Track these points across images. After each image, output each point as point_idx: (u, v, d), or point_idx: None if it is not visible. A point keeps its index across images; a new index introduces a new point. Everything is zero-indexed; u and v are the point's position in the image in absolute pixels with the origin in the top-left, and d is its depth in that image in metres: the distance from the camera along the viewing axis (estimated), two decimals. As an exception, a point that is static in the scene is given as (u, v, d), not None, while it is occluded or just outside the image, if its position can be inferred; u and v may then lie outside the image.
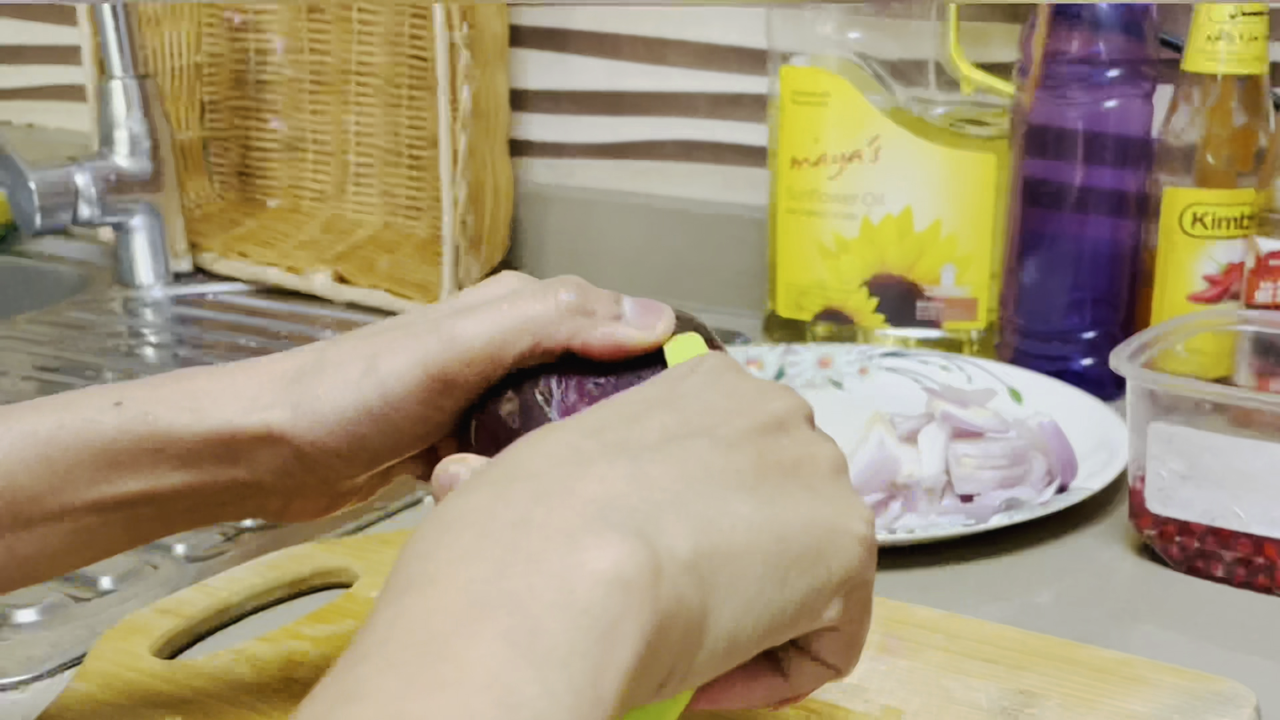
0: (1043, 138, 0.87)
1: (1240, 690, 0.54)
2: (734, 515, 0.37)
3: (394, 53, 1.16)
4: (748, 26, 1.06)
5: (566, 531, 0.34)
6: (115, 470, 0.47)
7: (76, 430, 0.47)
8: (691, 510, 0.36)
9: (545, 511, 0.34)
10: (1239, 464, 0.65)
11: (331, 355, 0.48)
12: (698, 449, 0.38)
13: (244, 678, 0.56)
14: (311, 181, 1.23)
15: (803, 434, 0.41)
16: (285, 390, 0.47)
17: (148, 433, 0.47)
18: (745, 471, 0.38)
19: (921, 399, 0.79)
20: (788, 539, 0.37)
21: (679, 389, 0.41)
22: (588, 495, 0.35)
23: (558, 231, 1.15)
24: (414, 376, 0.46)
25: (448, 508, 0.35)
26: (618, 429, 0.38)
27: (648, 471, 0.36)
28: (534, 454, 0.37)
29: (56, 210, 1.10)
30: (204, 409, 0.47)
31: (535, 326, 0.46)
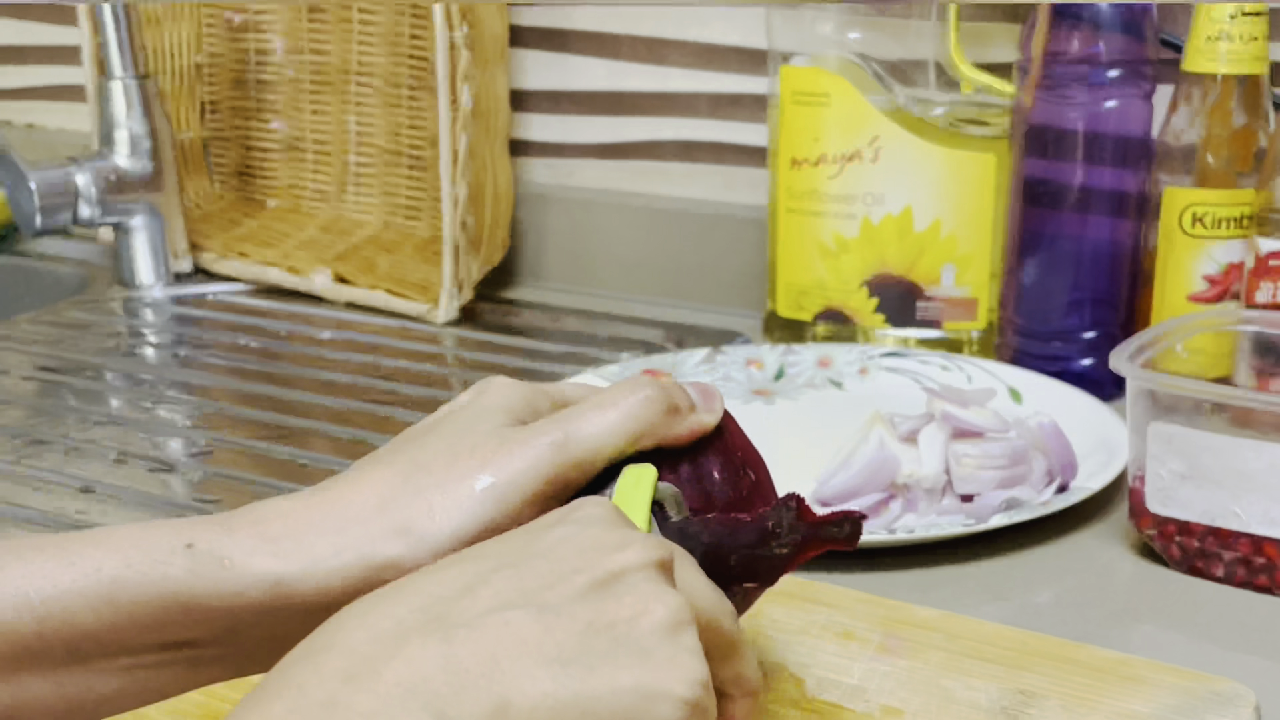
0: (1043, 138, 0.87)
1: (1240, 690, 0.54)
2: (539, 692, 0.37)
3: (394, 53, 1.16)
4: (748, 26, 1.06)
5: (367, 716, 0.35)
6: (185, 614, 0.44)
7: (144, 572, 0.44)
8: (494, 692, 0.36)
9: (351, 692, 0.36)
10: (1239, 464, 0.65)
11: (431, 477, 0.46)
12: (519, 623, 0.38)
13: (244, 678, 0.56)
14: (311, 181, 1.23)
15: (646, 589, 0.40)
16: (382, 516, 0.46)
17: (223, 577, 0.44)
18: (565, 642, 0.38)
19: (921, 399, 0.79)
20: (596, 709, 0.38)
21: (539, 542, 0.41)
22: (394, 679, 0.36)
23: (558, 231, 1.15)
24: (531, 486, 0.46)
25: (272, 673, 0.37)
26: (449, 600, 0.38)
27: (459, 653, 0.37)
28: (358, 625, 0.38)
29: (56, 210, 1.10)
30: (287, 553, 0.45)
31: (641, 426, 0.47)
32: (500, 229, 1.12)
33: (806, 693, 0.55)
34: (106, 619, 0.43)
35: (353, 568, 0.45)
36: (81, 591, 0.43)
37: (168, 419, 0.91)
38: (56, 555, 0.44)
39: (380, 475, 0.46)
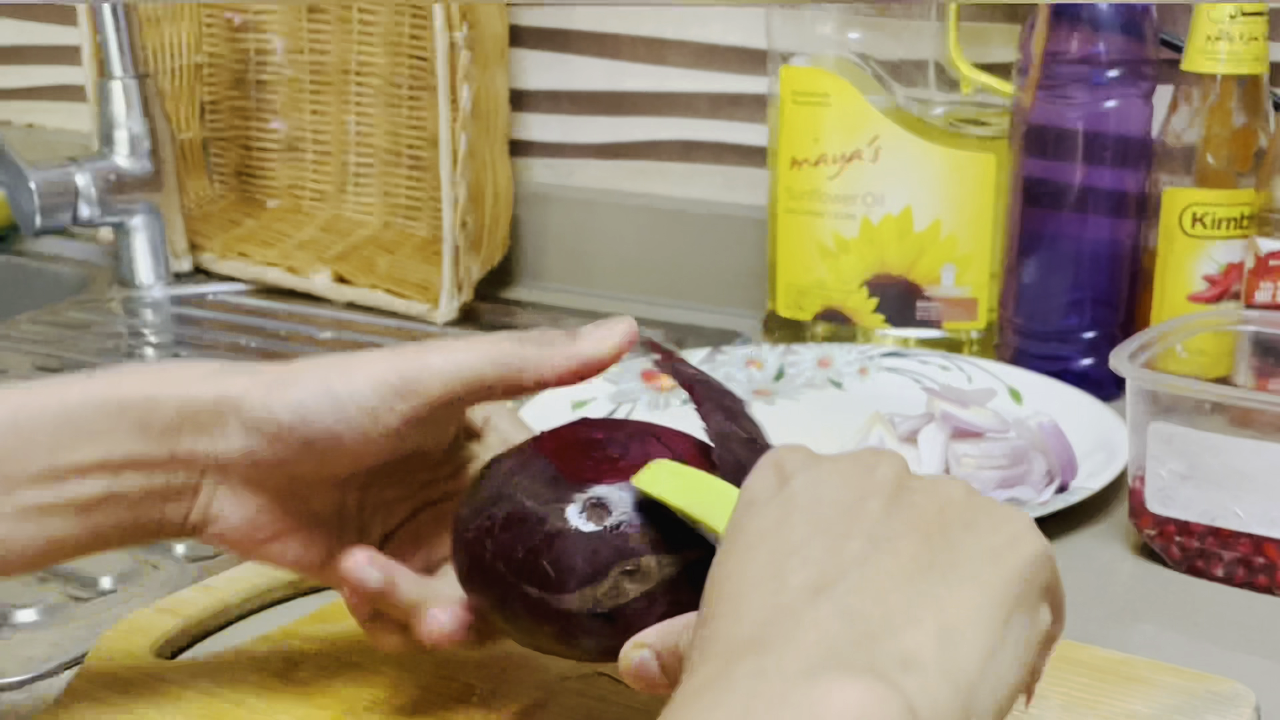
0: (1043, 138, 0.87)
1: (1240, 690, 0.54)
2: (939, 601, 0.37)
3: (394, 53, 1.16)
4: (748, 26, 1.06)
5: (804, 672, 0.34)
6: (74, 436, 0.48)
7: (43, 399, 0.48)
8: (903, 623, 0.36)
9: (776, 660, 0.35)
10: (1239, 464, 0.65)
11: (312, 358, 0.50)
12: (872, 560, 0.38)
13: (245, 677, 0.56)
14: (311, 181, 1.23)
15: (921, 485, 0.41)
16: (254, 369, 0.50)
17: (110, 395, 0.48)
18: (918, 555, 0.38)
19: (921, 399, 0.79)
20: (993, 588, 0.38)
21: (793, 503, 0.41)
22: (810, 642, 0.35)
23: (558, 231, 1.15)
24: (380, 374, 0.49)
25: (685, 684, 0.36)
26: (795, 574, 0.38)
27: (849, 606, 0.36)
28: (735, 613, 0.38)
29: (56, 210, 1.10)
30: (167, 376, 0.50)
31: (498, 355, 0.50)
32: (500, 229, 1.12)
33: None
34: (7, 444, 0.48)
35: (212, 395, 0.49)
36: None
37: (168, 419, 0.91)
38: None
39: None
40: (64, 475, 0.48)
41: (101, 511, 0.49)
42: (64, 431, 0.48)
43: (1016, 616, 0.38)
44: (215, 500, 0.51)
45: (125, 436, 0.49)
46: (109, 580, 0.67)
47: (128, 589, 0.66)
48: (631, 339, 0.51)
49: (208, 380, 0.49)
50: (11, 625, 0.63)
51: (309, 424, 0.49)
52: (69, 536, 0.49)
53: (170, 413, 0.49)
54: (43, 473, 0.48)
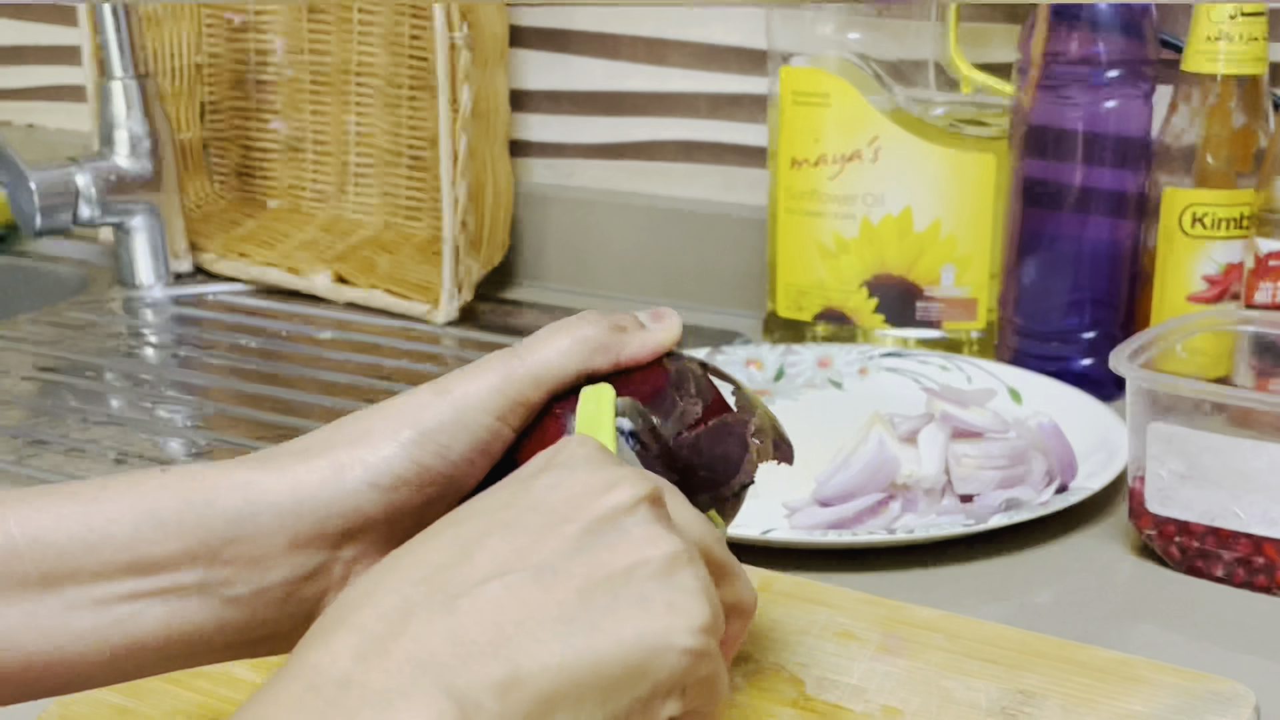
0: (1042, 138, 0.87)
1: (1240, 690, 0.54)
2: (547, 655, 0.38)
3: (394, 53, 1.16)
4: (748, 27, 1.06)
5: (382, 693, 0.36)
6: (157, 528, 0.45)
7: (119, 492, 0.45)
8: (503, 660, 0.37)
9: (364, 670, 0.36)
10: (1238, 464, 0.65)
11: (389, 401, 0.49)
12: (519, 586, 0.39)
13: (244, 678, 0.56)
14: (311, 182, 1.23)
15: (636, 533, 0.41)
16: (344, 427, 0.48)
17: (194, 486, 0.46)
18: (566, 602, 0.39)
19: (921, 399, 0.79)
20: (603, 666, 0.38)
21: (527, 493, 0.42)
22: (404, 655, 0.37)
23: (558, 231, 1.15)
24: (487, 398, 0.49)
25: (289, 656, 0.38)
26: (449, 569, 0.39)
27: (464, 625, 0.37)
28: (366, 604, 0.38)
29: (57, 210, 1.10)
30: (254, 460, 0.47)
31: (590, 344, 0.50)
32: (500, 229, 1.12)
33: (806, 693, 0.55)
34: (80, 538, 0.44)
35: (320, 468, 0.46)
36: (56, 514, 0.45)
37: (168, 419, 0.91)
38: (39, 490, 0.46)
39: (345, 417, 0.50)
40: (148, 568, 0.45)
41: (198, 602, 0.46)
42: (144, 520, 0.45)
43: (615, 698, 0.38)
44: (354, 569, 0.48)
45: (220, 528, 0.46)
46: (109, 580, 0.67)
47: (128, 589, 0.66)
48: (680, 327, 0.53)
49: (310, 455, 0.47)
50: (12, 625, 0.63)
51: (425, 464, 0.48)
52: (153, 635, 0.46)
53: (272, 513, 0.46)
54: (121, 566, 0.45)
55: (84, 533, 0.45)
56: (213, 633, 0.46)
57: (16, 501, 0.45)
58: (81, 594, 0.45)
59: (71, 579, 0.44)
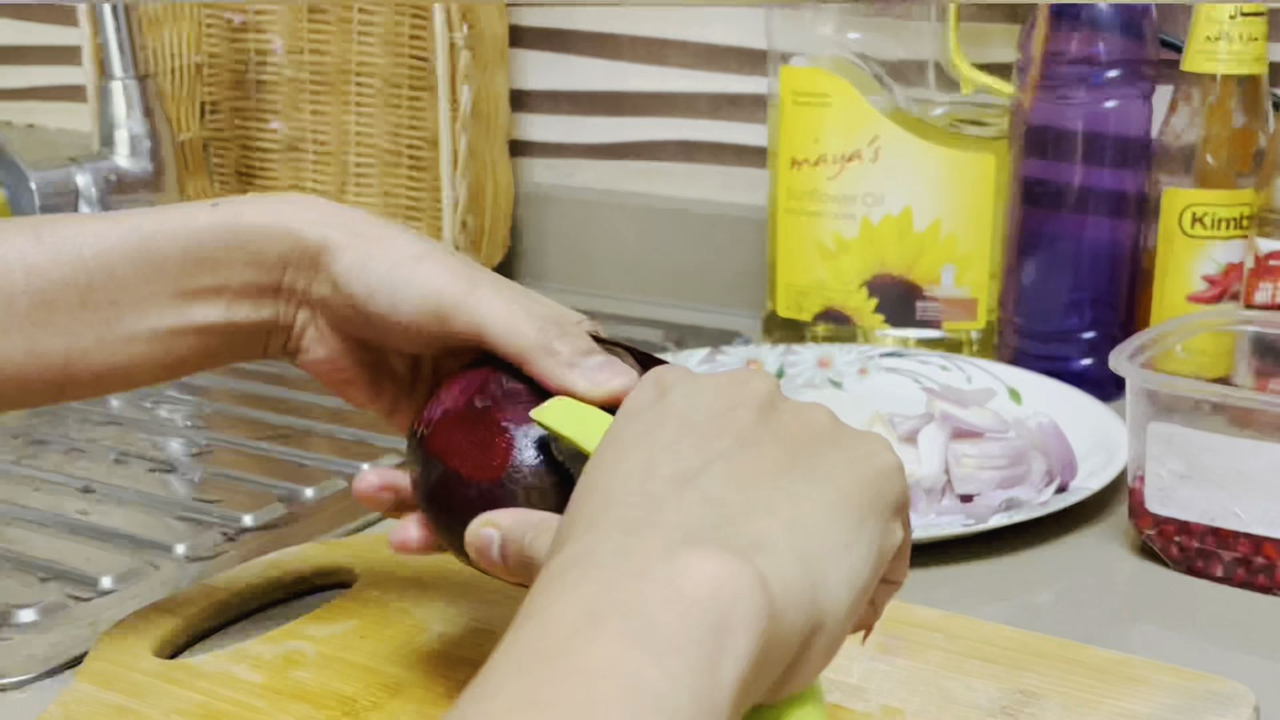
0: (1042, 138, 0.87)
1: (1240, 690, 0.54)
2: (795, 497, 0.39)
3: (394, 53, 1.16)
4: (748, 27, 1.06)
5: (665, 549, 0.36)
6: (199, 263, 0.53)
7: (175, 225, 0.53)
8: (765, 512, 0.38)
9: (640, 540, 0.37)
10: (1238, 464, 0.65)
11: (404, 232, 0.54)
12: (736, 457, 0.41)
13: (244, 677, 0.56)
14: (311, 182, 1.23)
15: (790, 405, 0.44)
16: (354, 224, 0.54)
17: (234, 226, 0.53)
18: (780, 458, 0.41)
19: (921, 399, 0.79)
20: (847, 491, 0.41)
21: (669, 411, 0.43)
22: (672, 524, 0.37)
23: (558, 231, 1.15)
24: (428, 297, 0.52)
25: (549, 565, 0.38)
26: (663, 463, 0.40)
27: (712, 495, 0.39)
28: (605, 500, 0.40)
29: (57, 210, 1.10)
30: (284, 214, 0.54)
31: (521, 343, 0.50)
32: (500, 229, 1.12)
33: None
34: (140, 269, 0.53)
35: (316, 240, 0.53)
36: (123, 247, 0.53)
37: (168, 419, 0.91)
38: (105, 219, 0.54)
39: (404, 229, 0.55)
40: (191, 300, 0.54)
41: (216, 334, 0.55)
42: (190, 259, 0.53)
43: (869, 522, 0.41)
44: (307, 333, 0.56)
45: (243, 267, 0.54)
46: (109, 580, 0.67)
47: (128, 589, 0.67)
48: (625, 393, 0.49)
49: (315, 227, 0.53)
50: (11, 625, 0.63)
51: (369, 308, 0.53)
52: (190, 355, 0.55)
53: (281, 248, 0.53)
54: (173, 297, 0.54)
55: (145, 266, 0.53)
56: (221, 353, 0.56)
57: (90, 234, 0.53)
58: (141, 322, 0.54)
59: (133, 308, 0.54)
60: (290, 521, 0.74)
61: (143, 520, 0.74)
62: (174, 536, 0.72)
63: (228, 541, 0.72)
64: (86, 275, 0.53)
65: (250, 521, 0.74)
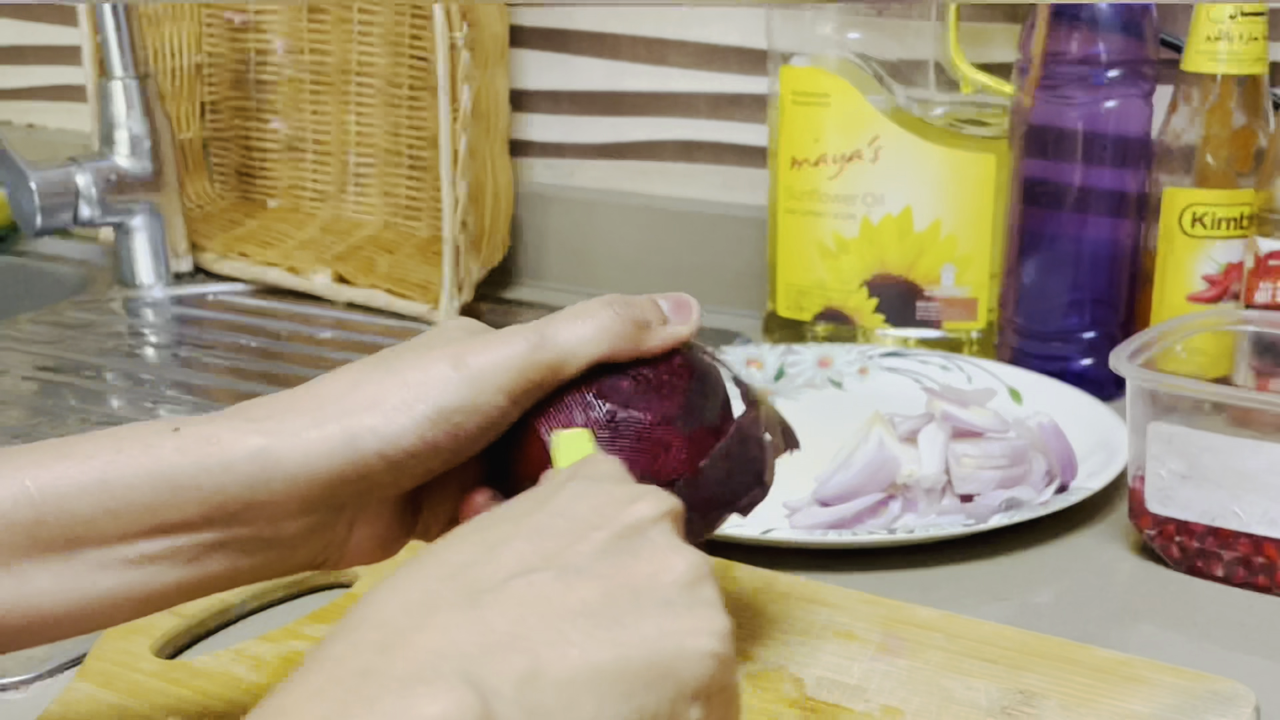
0: (1042, 138, 0.87)
1: (1240, 690, 0.54)
2: (570, 649, 0.37)
3: (394, 53, 1.16)
4: (748, 26, 1.06)
5: (402, 680, 0.36)
6: (175, 494, 0.46)
7: (134, 455, 0.46)
8: (525, 652, 0.37)
9: (387, 661, 0.36)
10: (1238, 464, 0.65)
11: (403, 361, 0.49)
12: (543, 584, 0.39)
13: (244, 678, 0.56)
14: (312, 182, 1.23)
15: (661, 542, 0.41)
16: (357, 391, 0.48)
17: (210, 452, 0.47)
18: (590, 599, 0.39)
19: (921, 399, 0.79)
20: (628, 663, 0.38)
21: (553, 501, 0.42)
22: (427, 646, 0.37)
23: (558, 231, 1.15)
24: (505, 377, 0.49)
25: (310, 653, 0.38)
26: (474, 567, 0.39)
27: (487, 617, 0.38)
28: (391, 599, 0.39)
29: (57, 210, 1.10)
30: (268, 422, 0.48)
31: (613, 338, 0.51)
32: (500, 229, 1.12)
33: (806, 693, 0.55)
34: (101, 504, 0.46)
35: (332, 436, 0.47)
36: (76, 479, 0.46)
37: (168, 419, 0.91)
38: (52, 449, 0.46)
39: (356, 366, 0.50)
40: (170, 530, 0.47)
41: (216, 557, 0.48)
42: (163, 491, 0.46)
43: (638, 697, 0.38)
44: (356, 526, 0.51)
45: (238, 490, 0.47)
46: (109, 580, 0.67)
47: (128, 589, 0.66)
48: (698, 321, 0.54)
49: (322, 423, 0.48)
50: (12, 625, 0.63)
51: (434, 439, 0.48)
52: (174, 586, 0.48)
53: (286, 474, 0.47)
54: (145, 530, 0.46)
55: (105, 498, 0.46)
56: (226, 580, 0.49)
57: (32, 465, 0.46)
58: (105, 555, 0.46)
59: (96, 542, 0.46)
60: (290, 521, 0.74)
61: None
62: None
63: (228, 541, 0.72)
64: (34, 511, 0.45)
65: (250, 521, 0.74)
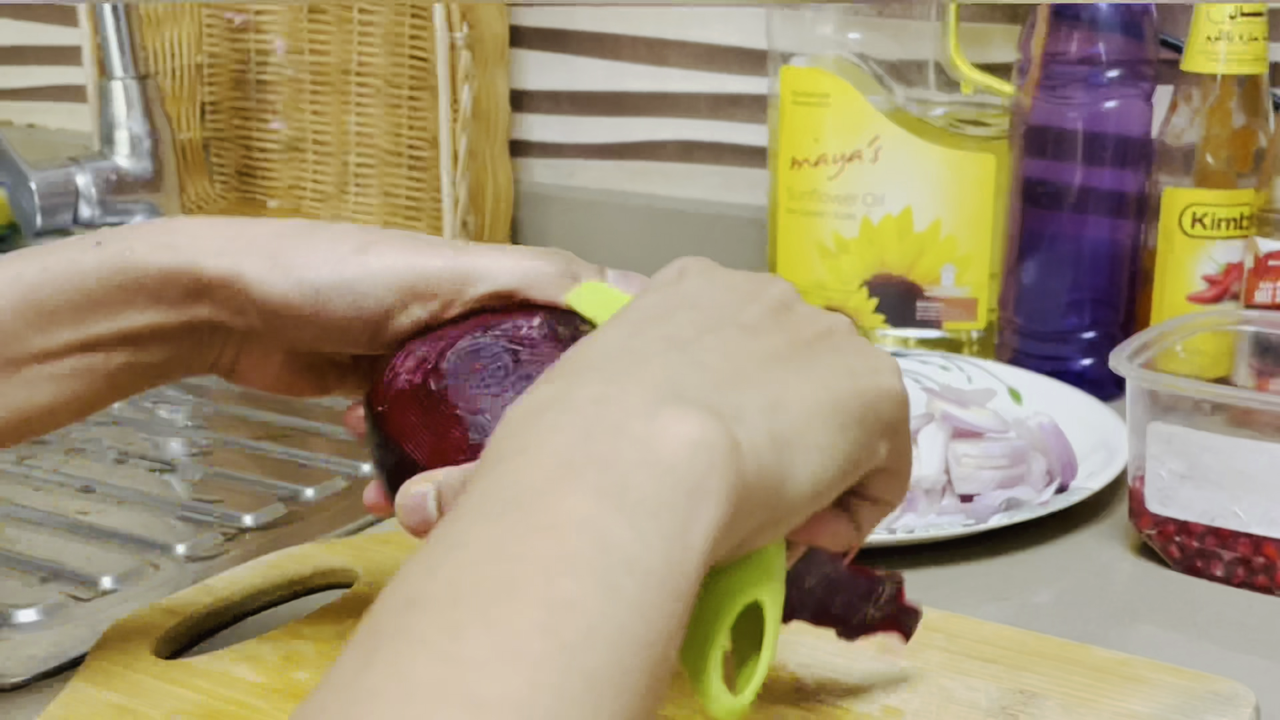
0: (1042, 138, 0.87)
1: (1240, 690, 0.54)
2: (787, 384, 0.39)
3: (394, 53, 1.16)
4: (748, 27, 1.06)
5: (645, 404, 0.35)
6: (94, 309, 0.50)
7: (60, 271, 0.50)
8: (750, 387, 0.38)
9: (620, 390, 0.36)
10: (1238, 464, 0.65)
11: (326, 228, 0.51)
12: (733, 336, 0.40)
13: (244, 677, 0.56)
14: (312, 182, 1.23)
15: (807, 309, 0.43)
16: (266, 242, 0.50)
17: (125, 267, 0.50)
18: (779, 348, 0.40)
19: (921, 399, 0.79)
20: (838, 394, 0.40)
21: (680, 292, 0.42)
22: (656, 379, 0.36)
23: (558, 231, 1.15)
24: (401, 274, 0.50)
25: (523, 402, 0.37)
26: (656, 327, 0.40)
27: (701, 359, 0.38)
28: (590, 353, 0.39)
29: (57, 210, 1.10)
30: (180, 247, 0.50)
31: (536, 279, 0.50)
32: (500, 229, 1.12)
33: (806, 693, 0.55)
34: (29, 319, 0.50)
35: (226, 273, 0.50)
36: (6, 297, 0.49)
37: (168, 419, 0.91)
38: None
39: (301, 220, 0.52)
40: (92, 345, 0.51)
41: (126, 372, 0.52)
42: (82, 306, 0.50)
43: (851, 431, 0.40)
44: (241, 359, 0.53)
45: (144, 308, 0.50)
46: (109, 580, 0.67)
47: (128, 589, 0.66)
48: None
49: (221, 257, 0.50)
50: (11, 625, 0.63)
51: (322, 317, 0.50)
52: (95, 393, 0.52)
53: (185, 286, 0.50)
54: (71, 343, 0.50)
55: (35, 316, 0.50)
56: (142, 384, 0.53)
57: None
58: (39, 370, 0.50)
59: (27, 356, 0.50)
60: (290, 521, 0.74)
61: (143, 520, 0.74)
62: (174, 536, 0.72)
63: (228, 541, 0.72)
64: None
65: (250, 521, 0.74)
